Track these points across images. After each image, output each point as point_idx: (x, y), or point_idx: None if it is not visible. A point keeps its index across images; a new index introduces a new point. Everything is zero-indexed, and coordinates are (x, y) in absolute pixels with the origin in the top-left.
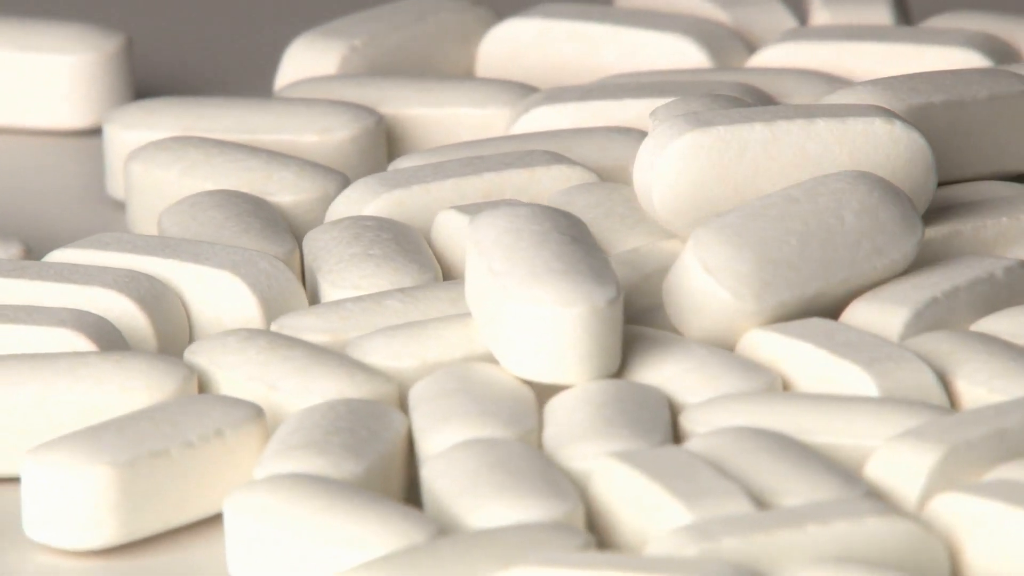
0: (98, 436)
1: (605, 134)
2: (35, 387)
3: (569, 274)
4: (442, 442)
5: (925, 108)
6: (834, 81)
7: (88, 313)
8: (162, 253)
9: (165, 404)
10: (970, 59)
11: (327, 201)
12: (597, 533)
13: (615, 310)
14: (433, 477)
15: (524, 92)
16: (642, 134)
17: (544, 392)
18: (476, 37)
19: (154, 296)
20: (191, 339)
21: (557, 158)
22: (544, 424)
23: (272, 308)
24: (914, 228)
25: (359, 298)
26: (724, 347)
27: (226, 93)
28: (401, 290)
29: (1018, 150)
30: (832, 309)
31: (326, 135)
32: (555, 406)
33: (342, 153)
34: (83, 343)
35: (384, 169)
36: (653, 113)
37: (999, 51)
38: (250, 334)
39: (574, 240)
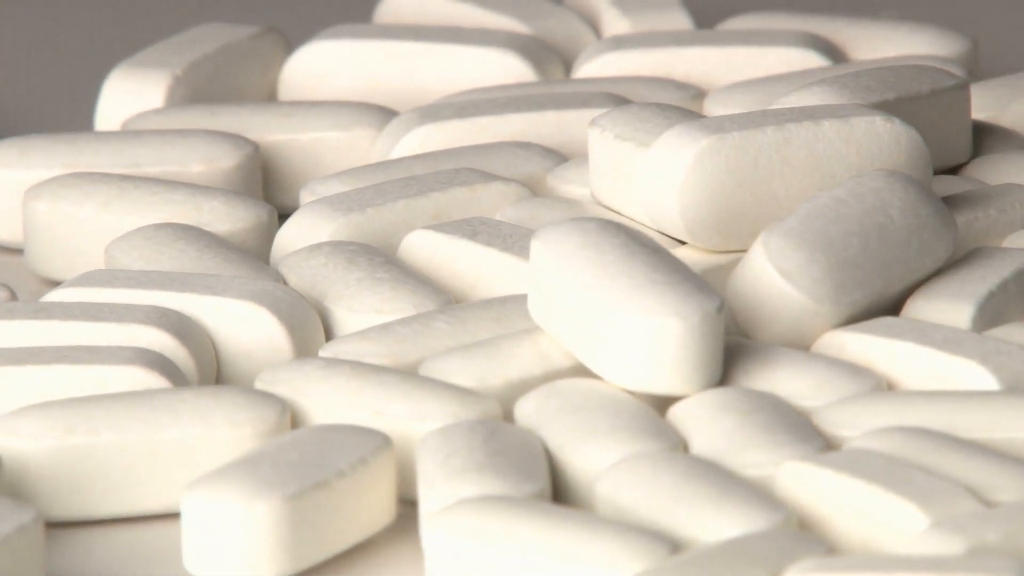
0: (255, 470)
1: (509, 148)
2: (139, 427)
3: (672, 284)
4: (597, 458)
5: (882, 105)
6: (687, 87)
7: (150, 350)
8: (174, 287)
9: (298, 436)
10: (808, 58)
11: (261, 230)
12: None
13: (722, 319)
14: (615, 491)
15: (385, 114)
16: (543, 148)
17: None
18: (274, 62)
19: (187, 330)
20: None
21: (490, 176)
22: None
23: (295, 336)
24: (949, 224)
25: (404, 321)
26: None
27: (45, 129)
28: (442, 311)
29: (955, 144)
30: (887, 308)
31: (212, 164)
32: (684, 417)
33: (228, 182)
34: (154, 380)
35: (262, 196)
36: (594, 122)
37: (828, 50)
38: (328, 362)
39: (656, 251)
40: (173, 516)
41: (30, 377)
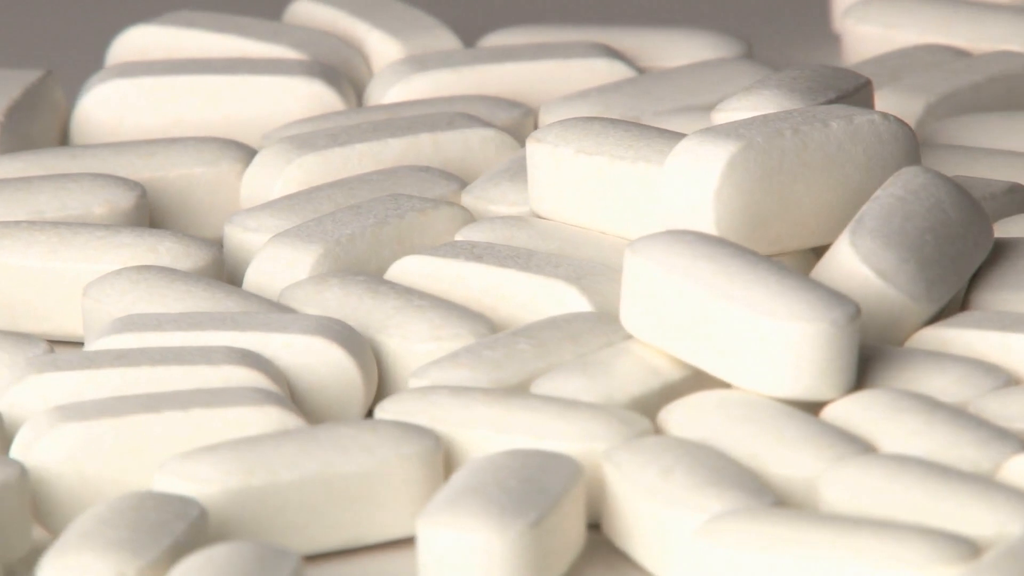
0: (488, 498)
1: (412, 173)
2: (314, 465)
3: (808, 290)
4: (805, 463)
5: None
6: (518, 105)
7: (273, 391)
8: (234, 326)
9: (499, 462)
10: (614, 67)
11: (216, 267)
12: None
13: (860, 322)
14: (849, 493)
15: (244, 148)
16: (442, 171)
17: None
18: (57, 105)
19: (272, 369)
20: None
21: (434, 201)
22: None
23: (362, 368)
24: (985, 217)
25: (485, 346)
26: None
27: None
28: (515, 333)
29: None
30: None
31: (113, 206)
32: (848, 420)
33: (127, 222)
34: (290, 420)
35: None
36: (539, 138)
37: (623, 59)
38: (454, 390)
39: (768, 259)
40: (352, 551)
41: (167, 423)
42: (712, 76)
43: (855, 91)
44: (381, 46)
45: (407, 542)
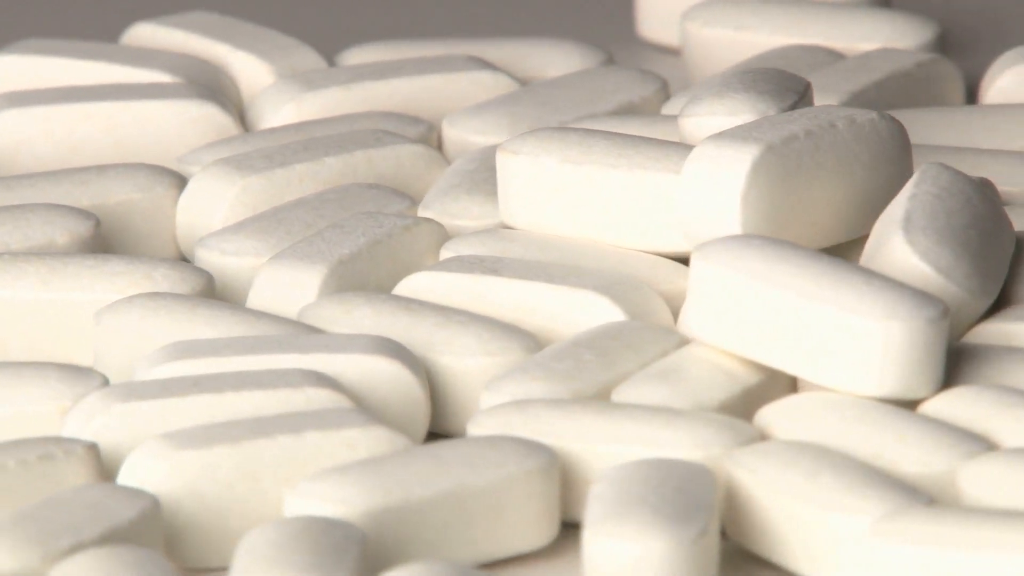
0: (654, 508)
1: (362, 191)
2: (446, 482)
3: (898, 288)
4: (940, 462)
5: (798, 105)
6: (420, 121)
7: (368, 412)
8: (292, 349)
9: (630, 472)
10: (498, 80)
11: (209, 292)
12: None
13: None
14: (990, 487)
15: (174, 174)
16: (391, 189)
17: None
18: None
19: (344, 389)
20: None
21: (410, 217)
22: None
23: (423, 386)
24: (1004, 212)
25: (551, 358)
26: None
27: None
28: (574, 345)
29: None
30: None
31: (74, 235)
32: (954, 416)
33: (88, 251)
34: (400, 440)
35: None
36: (514, 150)
37: (504, 71)
38: (552, 402)
39: (841, 260)
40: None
41: (282, 447)
42: (603, 84)
43: (805, 92)
44: (248, 67)
45: (531, 556)
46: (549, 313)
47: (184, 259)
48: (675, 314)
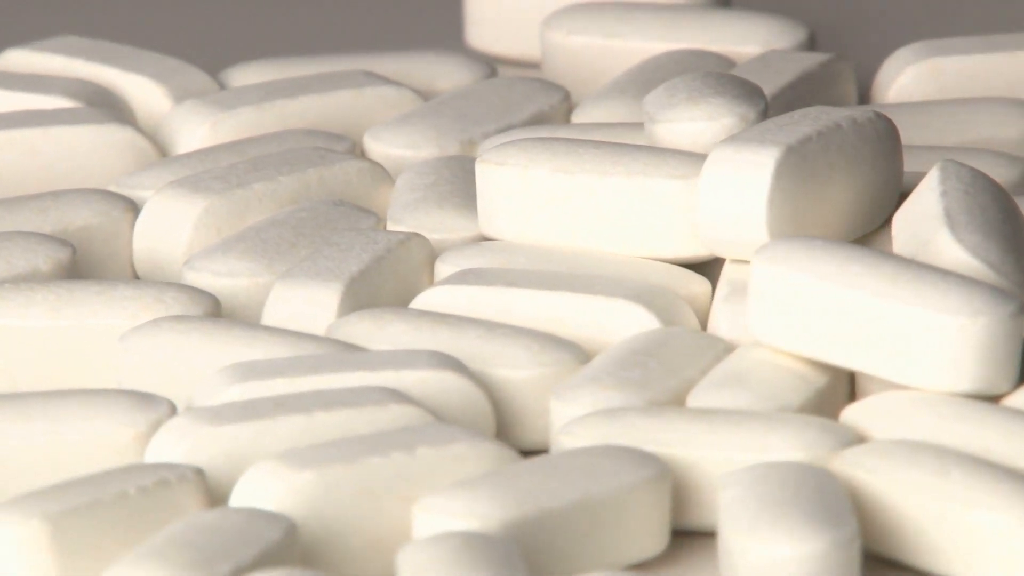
0: (807, 511)
1: (331, 208)
2: (574, 493)
3: (973, 284)
4: None
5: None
6: (342, 138)
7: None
8: (359, 367)
9: (757, 476)
10: (403, 95)
11: (218, 312)
12: None
13: None
14: None
15: (125, 198)
16: (356, 207)
17: None
18: None
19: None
20: None
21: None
22: None
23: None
24: (1017, 205)
25: (617, 365)
26: None
27: None
28: (633, 353)
29: None
30: None
31: (55, 262)
32: None
33: (69, 277)
34: (508, 453)
35: None
36: (498, 160)
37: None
38: (644, 410)
39: (906, 258)
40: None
41: (396, 465)
42: (511, 95)
43: (765, 96)
44: (142, 90)
45: (645, 565)
46: (580, 323)
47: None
48: (701, 320)
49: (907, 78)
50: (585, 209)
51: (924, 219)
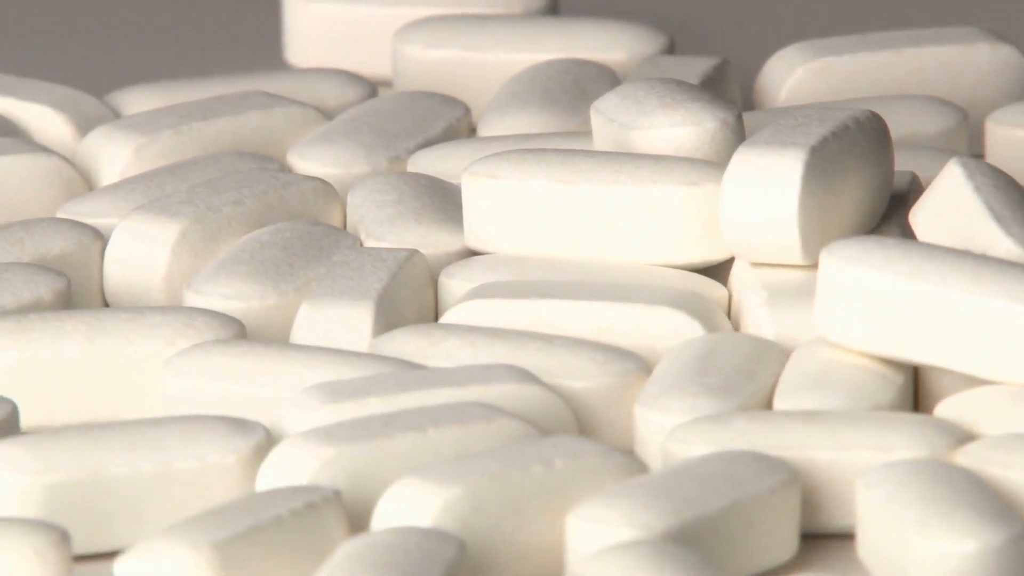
0: (974, 509)
1: (318, 228)
2: (723, 500)
3: None
4: None
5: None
6: (269, 160)
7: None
8: (447, 384)
9: (902, 475)
10: (308, 114)
11: (244, 336)
12: None
13: None
14: None
15: (89, 228)
16: (333, 226)
17: None
18: None
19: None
20: None
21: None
22: None
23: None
24: None
25: (702, 374)
26: None
27: None
28: (702, 359)
29: None
30: None
31: (56, 293)
32: None
33: (67, 307)
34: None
35: None
36: (486, 173)
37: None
38: (751, 414)
39: (974, 253)
40: None
41: (535, 480)
42: (416, 109)
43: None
44: (41, 119)
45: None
46: (622, 332)
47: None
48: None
49: (798, 78)
50: (587, 218)
51: (961, 215)
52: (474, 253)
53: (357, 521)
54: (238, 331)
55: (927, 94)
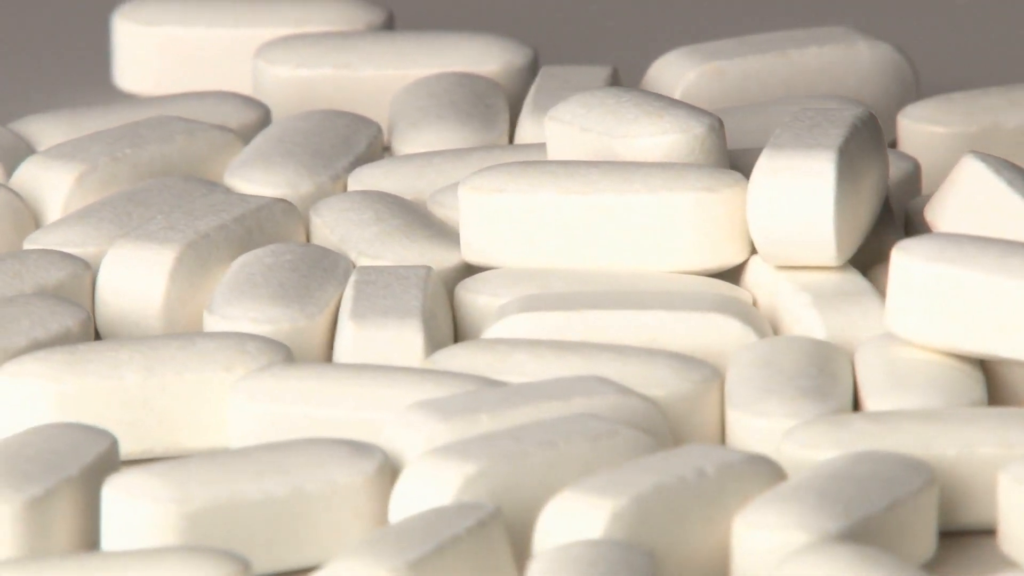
0: None
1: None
2: (885, 500)
3: None
4: None
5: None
6: (216, 185)
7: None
8: (544, 397)
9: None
10: (228, 138)
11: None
12: None
13: None
14: None
15: (76, 258)
16: (321, 247)
17: None
18: None
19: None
20: None
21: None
22: None
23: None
24: None
25: (794, 375)
26: None
27: None
28: (791, 363)
29: None
30: None
31: (80, 322)
32: None
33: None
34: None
35: None
36: (483, 188)
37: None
38: (871, 415)
39: None
40: None
41: (694, 488)
42: (337, 128)
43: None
44: None
45: None
46: (673, 339)
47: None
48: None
49: (690, 82)
50: (598, 228)
51: (994, 209)
52: (473, 267)
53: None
54: (287, 356)
55: (822, 94)
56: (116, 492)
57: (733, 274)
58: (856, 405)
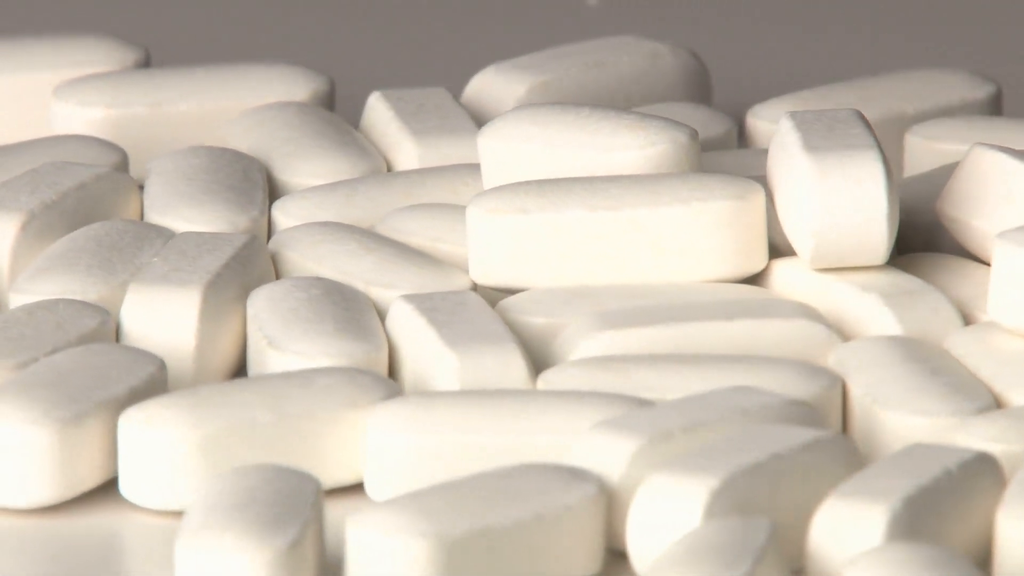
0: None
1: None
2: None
3: None
4: None
5: None
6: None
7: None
8: (609, 405)
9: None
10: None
11: None
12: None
13: None
14: None
15: (92, 308)
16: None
17: None
18: None
19: None
20: None
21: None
22: None
23: None
24: None
25: (926, 377)
26: None
27: None
28: (904, 365)
29: None
30: None
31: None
32: None
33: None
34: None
35: None
36: (491, 208)
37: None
38: (1013, 412)
39: None
40: None
41: (772, 477)
42: (228, 162)
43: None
44: None
45: None
46: (756, 347)
47: None
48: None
49: (521, 98)
50: (626, 243)
51: (1013, 198)
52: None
53: None
54: (395, 388)
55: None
56: (361, 528)
57: (750, 281)
58: None
